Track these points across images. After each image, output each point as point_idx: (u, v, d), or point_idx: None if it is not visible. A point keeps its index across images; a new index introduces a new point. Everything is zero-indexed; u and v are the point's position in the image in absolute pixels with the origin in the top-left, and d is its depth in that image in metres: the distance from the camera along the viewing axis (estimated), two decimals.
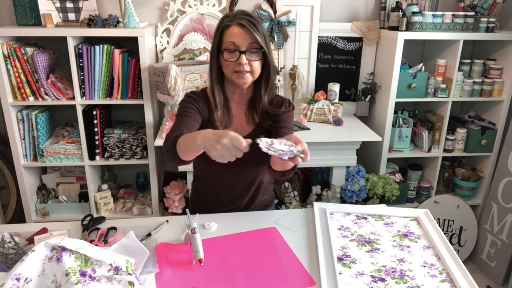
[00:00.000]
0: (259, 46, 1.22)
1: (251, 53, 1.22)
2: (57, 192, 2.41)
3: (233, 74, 1.24)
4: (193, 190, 1.53)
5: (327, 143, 2.11)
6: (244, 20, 1.20)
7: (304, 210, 1.42)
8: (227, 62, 1.23)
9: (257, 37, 1.20)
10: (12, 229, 1.26)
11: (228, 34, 1.22)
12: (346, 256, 1.14)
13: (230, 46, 1.21)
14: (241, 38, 1.20)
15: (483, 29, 2.29)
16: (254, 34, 1.19)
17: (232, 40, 1.20)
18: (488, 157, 2.55)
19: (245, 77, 1.24)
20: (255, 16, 1.24)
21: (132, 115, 2.48)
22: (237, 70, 1.22)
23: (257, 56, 1.23)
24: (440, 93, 2.36)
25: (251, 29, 1.19)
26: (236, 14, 1.23)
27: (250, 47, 1.21)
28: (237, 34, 1.20)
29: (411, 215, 1.37)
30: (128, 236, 1.13)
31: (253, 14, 1.24)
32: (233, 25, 1.21)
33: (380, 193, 2.30)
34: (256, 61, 1.23)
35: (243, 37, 1.20)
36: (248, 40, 1.20)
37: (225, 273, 1.07)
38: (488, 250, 2.49)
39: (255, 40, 1.20)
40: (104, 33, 2.05)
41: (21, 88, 2.09)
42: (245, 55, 1.21)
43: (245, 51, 1.21)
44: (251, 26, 1.20)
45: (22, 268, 0.90)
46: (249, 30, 1.19)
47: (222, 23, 1.24)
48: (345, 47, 2.50)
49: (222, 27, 1.23)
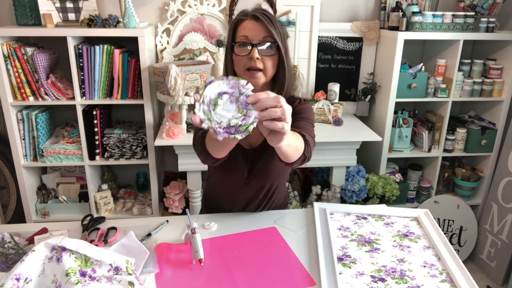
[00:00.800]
0: (273, 40, 1.13)
1: (264, 47, 1.13)
2: (57, 192, 2.41)
3: (245, 73, 1.16)
4: (205, 189, 1.52)
5: (327, 143, 2.11)
6: (259, 13, 1.13)
7: (304, 210, 1.41)
8: (238, 57, 1.15)
9: (272, 30, 1.12)
10: (12, 229, 1.26)
11: (241, 28, 1.15)
12: (346, 256, 1.14)
13: (242, 39, 1.13)
14: (254, 31, 1.12)
15: (483, 29, 2.29)
16: (269, 27, 1.11)
17: (244, 33, 1.13)
18: (488, 157, 2.55)
19: (256, 76, 1.15)
20: (272, 13, 1.17)
21: (132, 115, 2.48)
22: (248, 67, 1.14)
23: (270, 51, 1.14)
24: (440, 93, 2.36)
25: (265, 22, 1.12)
26: (251, 9, 1.17)
27: (263, 40, 1.13)
28: (251, 27, 1.13)
29: (411, 215, 1.37)
30: (128, 236, 1.13)
31: (268, 11, 1.18)
32: (247, 19, 1.14)
33: (380, 193, 2.30)
34: (269, 57, 1.14)
35: (257, 30, 1.12)
36: (261, 34, 1.12)
37: (225, 273, 1.07)
38: (488, 250, 2.49)
39: (269, 33, 1.12)
40: (104, 33, 2.05)
41: (21, 88, 2.09)
42: (257, 48, 1.12)
43: (257, 44, 1.12)
44: (266, 19, 1.12)
45: (22, 268, 0.90)
46: (263, 23, 1.12)
47: (236, 17, 1.18)
48: (345, 47, 2.50)
49: (236, 21, 1.17)
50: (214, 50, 2.36)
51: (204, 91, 0.78)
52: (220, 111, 0.78)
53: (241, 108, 0.78)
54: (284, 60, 1.17)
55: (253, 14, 1.14)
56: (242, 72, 1.17)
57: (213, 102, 0.78)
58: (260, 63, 1.13)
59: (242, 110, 0.78)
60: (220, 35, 2.38)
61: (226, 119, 0.78)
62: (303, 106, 1.28)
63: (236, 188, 1.35)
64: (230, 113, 0.78)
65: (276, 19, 1.17)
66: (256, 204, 1.39)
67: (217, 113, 0.78)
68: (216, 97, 0.78)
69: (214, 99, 0.78)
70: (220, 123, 0.78)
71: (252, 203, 1.38)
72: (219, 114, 0.78)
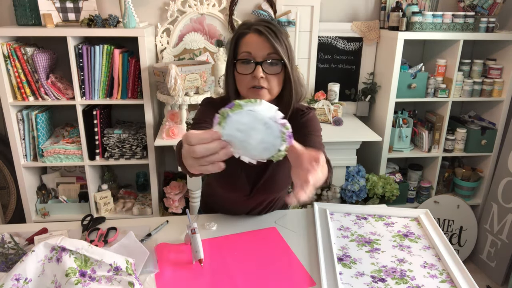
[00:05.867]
0: (278, 57, 1.05)
1: (269, 64, 1.05)
2: (57, 192, 2.41)
3: (248, 91, 1.07)
4: (204, 194, 1.48)
5: (327, 143, 2.07)
6: (262, 27, 1.04)
7: (304, 210, 1.41)
8: (241, 76, 1.07)
9: (277, 46, 1.03)
10: (12, 229, 1.26)
11: (243, 43, 1.06)
12: (346, 256, 1.14)
13: (245, 56, 1.05)
14: (257, 47, 1.03)
15: (483, 29, 2.29)
16: (273, 43, 1.02)
17: (247, 49, 1.04)
18: (488, 157, 2.55)
19: (261, 94, 1.06)
20: (276, 24, 1.07)
21: (132, 115, 2.48)
22: (252, 85, 1.06)
23: (276, 69, 1.06)
24: (440, 93, 2.36)
25: (270, 37, 1.02)
26: (254, 21, 1.07)
27: (268, 57, 1.04)
28: (254, 42, 1.04)
29: (411, 215, 1.37)
30: (128, 236, 1.13)
31: (274, 23, 1.07)
32: (250, 33, 1.05)
33: (380, 193, 2.30)
34: (274, 75, 1.06)
35: (260, 45, 1.03)
36: (266, 50, 1.04)
37: (225, 273, 1.07)
38: (488, 250, 2.49)
39: (274, 49, 1.03)
40: (104, 33, 2.05)
41: (21, 88, 2.08)
42: (261, 66, 1.04)
43: (261, 62, 1.04)
44: (270, 34, 1.03)
45: (22, 268, 0.90)
46: (267, 38, 1.02)
47: (238, 31, 1.08)
48: (345, 47, 2.50)
49: (237, 35, 1.08)
50: (214, 50, 2.36)
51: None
52: None
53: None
54: (291, 77, 1.08)
55: (256, 27, 1.05)
56: (245, 92, 1.08)
57: None
58: (264, 81, 1.06)
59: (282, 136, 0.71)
60: (220, 35, 2.38)
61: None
62: (308, 117, 1.21)
63: (236, 203, 1.33)
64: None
65: (282, 32, 1.08)
66: (257, 211, 1.37)
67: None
68: None
69: None
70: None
71: (253, 212, 1.37)
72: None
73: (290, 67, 1.07)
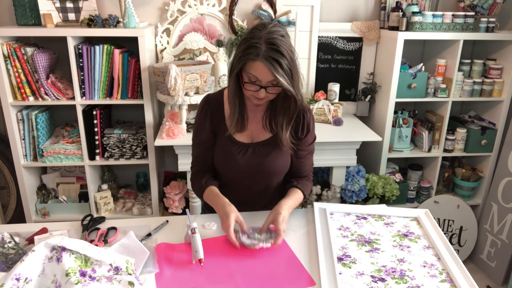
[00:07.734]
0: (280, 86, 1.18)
1: (272, 86, 1.19)
2: (57, 192, 2.41)
3: (251, 97, 1.23)
4: None
5: (327, 143, 2.11)
6: (269, 58, 1.12)
7: (304, 210, 1.42)
8: (245, 85, 1.21)
9: (279, 78, 1.13)
10: (12, 229, 1.26)
11: (252, 67, 1.16)
12: (346, 256, 1.14)
13: (252, 78, 1.18)
14: (263, 75, 1.15)
15: (483, 29, 2.29)
16: (277, 76, 1.13)
17: (254, 73, 1.16)
18: (488, 157, 2.55)
19: (261, 104, 1.26)
20: (284, 47, 1.14)
21: (132, 115, 2.48)
22: (254, 97, 1.22)
23: (278, 89, 1.20)
24: (440, 93, 2.36)
25: (273, 70, 1.13)
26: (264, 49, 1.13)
27: (271, 82, 1.18)
28: (260, 70, 1.15)
29: (411, 215, 1.37)
30: (128, 236, 1.13)
31: (282, 44, 1.14)
32: (258, 60, 1.14)
33: (380, 193, 2.30)
34: (275, 93, 1.22)
35: (266, 74, 1.15)
36: (269, 78, 1.16)
37: (225, 273, 1.07)
38: (488, 250, 2.49)
39: (277, 81, 1.15)
40: (104, 33, 2.05)
41: (21, 88, 2.09)
42: (265, 90, 1.18)
43: (265, 87, 1.18)
44: (274, 66, 1.13)
45: (22, 268, 0.90)
46: (272, 68, 1.13)
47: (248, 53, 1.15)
48: (345, 47, 2.50)
49: (247, 58, 1.16)
50: (214, 50, 2.36)
51: None
52: None
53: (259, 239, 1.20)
54: (294, 94, 1.20)
55: (264, 58, 1.13)
56: (248, 96, 1.24)
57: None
58: (266, 96, 1.21)
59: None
60: (220, 35, 2.38)
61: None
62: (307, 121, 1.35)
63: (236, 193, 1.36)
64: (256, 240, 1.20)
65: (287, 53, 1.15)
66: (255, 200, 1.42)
67: None
68: None
69: None
70: None
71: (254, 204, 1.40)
72: None
73: (293, 91, 1.19)
